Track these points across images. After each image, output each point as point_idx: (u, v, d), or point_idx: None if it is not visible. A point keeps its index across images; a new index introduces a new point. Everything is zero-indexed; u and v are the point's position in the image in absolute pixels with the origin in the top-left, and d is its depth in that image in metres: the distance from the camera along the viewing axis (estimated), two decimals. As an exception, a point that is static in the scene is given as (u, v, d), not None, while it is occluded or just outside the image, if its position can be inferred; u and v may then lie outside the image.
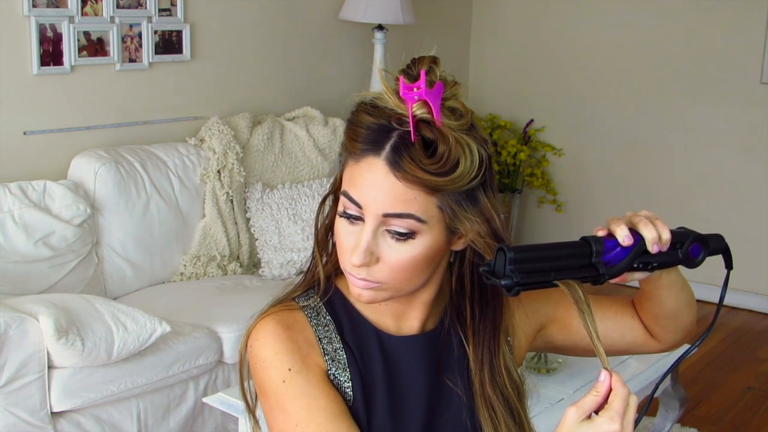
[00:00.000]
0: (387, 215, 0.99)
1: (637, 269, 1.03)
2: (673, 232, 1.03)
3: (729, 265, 1.09)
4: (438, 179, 0.96)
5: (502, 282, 0.91)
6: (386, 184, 0.98)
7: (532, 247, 0.94)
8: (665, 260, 1.04)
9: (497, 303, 1.12)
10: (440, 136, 0.97)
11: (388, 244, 1.01)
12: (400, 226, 0.99)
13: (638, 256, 1.00)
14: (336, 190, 1.07)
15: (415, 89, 0.97)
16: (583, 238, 0.99)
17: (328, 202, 1.10)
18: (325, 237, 1.11)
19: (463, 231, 1.02)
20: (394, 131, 0.98)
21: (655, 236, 1.00)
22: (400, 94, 0.98)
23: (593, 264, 0.97)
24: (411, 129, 0.96)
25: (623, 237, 0.99)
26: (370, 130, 0.99)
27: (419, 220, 0.99)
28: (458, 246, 1.06)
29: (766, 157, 4.30)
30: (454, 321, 1.14)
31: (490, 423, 1.10)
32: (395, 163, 0.97)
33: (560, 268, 0.95)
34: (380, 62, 0.99)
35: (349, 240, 1.02)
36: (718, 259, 1.11)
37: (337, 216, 1.05)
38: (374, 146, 0.98)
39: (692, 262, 1.05)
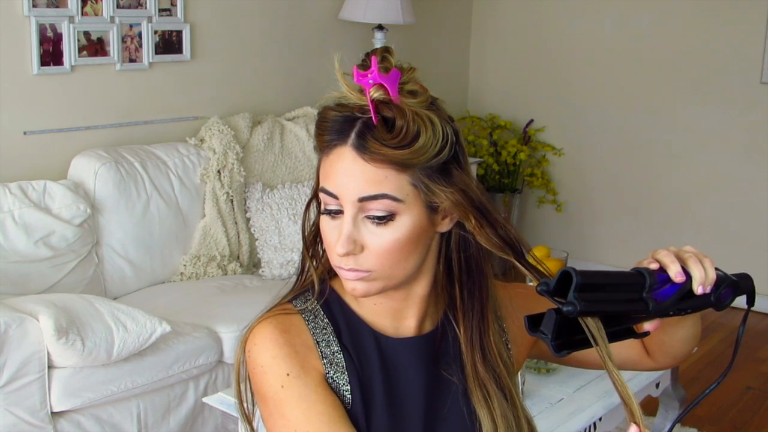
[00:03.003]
0: (362, 199, 1.00)
1: (673, 315, 1.02)
2: None
3: (751, 304, 1.08)
4: (401, 152, 0.99)
5: (565, 308, 0.90)
6: (356, 168, 1.00)
7: (594, 273, 0.93)
8: (700, 305, 1.02)
9: (483, 282, 1.12)
10: (397, 111, 0.99)
11: (370, 230, 1.02)
12: (377, 209, 1.01)
13: (684, 294, 0.99)
14: (317, 194, 1.08)
15: (369, 75, 1.00)
16: (637, 270, 0.98)
17: (313, 207, 1.11)
18: (314, 241, 1.12)
19: (440, 202, 1.03)
20: (358, 119, 1.01)
21: (704, 276, 0.99)
22: (355, 81, 1.01)
23: (644, 299, 0.96)
24: (371, 111, 0.99)
25: (676, 273, 0.98)
26: (335, 122, 1.02)
27: (394, 199, 1.00)
28: (443, 227, 1.07)
29: (766, 157, 4.30)
30: (447, 314, 1.14)
31: (484, 404, 1.10)
32: (361, 147, 0.99)
33: (615, 300, 0.94)
34: (339, 63, 1.03)
35: (334, 235, 1.04)
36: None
37: (321, 215, 1.06)
38: (340, 135, 1.01)
39: (721, 305, 1.04)
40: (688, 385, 3.33)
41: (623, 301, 0.95)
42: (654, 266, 1.00)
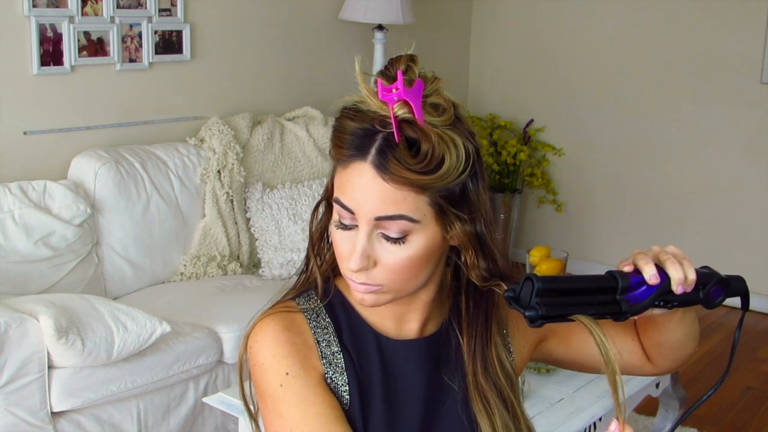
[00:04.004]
0: (379, 218, 0.99)
1: (658, 306, 1.03)
2: (697, 273, 1.02)
3: (746, 307, 1.08)
4: (424, 178, 0.96)
5: (527, 313, 0.91)
6: (375, 187, 0.97)
7: (560, 278, 0.94)
8: (686, 300, 1.03)
9: (489, 294, 1.12)
10: (422, 134, 0.96)
11: (384, 246, 1.01)
12: (393, 228, 0.99)
13: (661, 295, 1.01)
14: (328, 197, 1.07)
15: (393, 90, 0.96)
16: (610, 273, 0.99)
17: (322, 208, 1.10)
18: (319, 241, 1.12)
19: (448, 227, 1.02)
20: (378, 134, 0.97)
21: (682, 277, 1.00)
22: (379, 96, 0.97)
23: (617, 301, 0.98)
24: (394, 129, 0.96)
25: (650, 276, 0.99)
26: (354, 135, 0.98)
27: (411, 220, 0.99)
28: (455, 240, 1.06)
29: (766, 157, 4.30)
30: (450, 317, 1.14)
31: (484, 413, 1.09)
32: (381, 166, 0.96)
33: (584, 303, 0.95)
34: (359, 65, 1.00)
35: (346, 246, 1.02)
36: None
37: (332, 223, 1.05)
38: (360, 151, 0.98)
39: (712, 303, 1.05)
40: (688, 386, 3.33)
41: (595, 304, 0.96)
42: (628, 268, 1.01)
